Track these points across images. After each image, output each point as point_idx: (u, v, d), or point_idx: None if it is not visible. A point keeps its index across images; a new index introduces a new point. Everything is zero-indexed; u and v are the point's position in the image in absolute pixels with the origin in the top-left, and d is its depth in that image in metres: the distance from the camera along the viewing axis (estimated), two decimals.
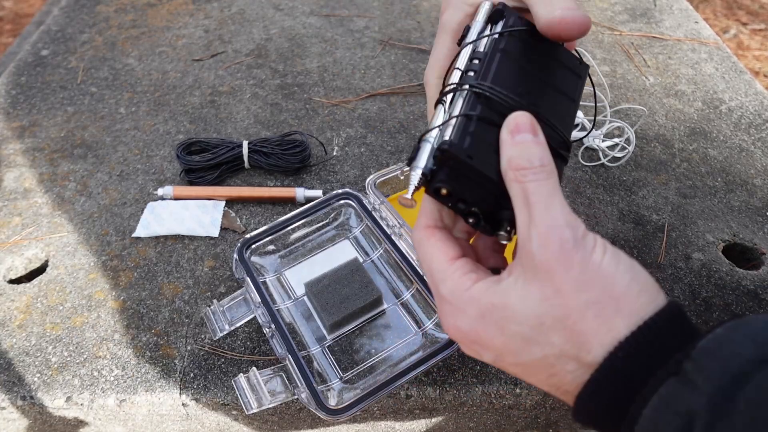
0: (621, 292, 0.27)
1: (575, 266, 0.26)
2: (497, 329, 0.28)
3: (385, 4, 1.03)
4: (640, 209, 0.67)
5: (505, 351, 0.29)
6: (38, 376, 0.51)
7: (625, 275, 0.27)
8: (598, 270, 0.27)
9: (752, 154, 0.75)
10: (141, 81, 0.85)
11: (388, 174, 0.62)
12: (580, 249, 0.27)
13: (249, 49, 0.92)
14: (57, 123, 0.78)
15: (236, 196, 0.66)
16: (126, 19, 0.99)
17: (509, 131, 0.30)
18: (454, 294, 0.30)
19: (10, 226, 0.64)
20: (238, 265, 0.54)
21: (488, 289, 0.29)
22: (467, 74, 0.33)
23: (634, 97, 0.83)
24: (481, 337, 0.29)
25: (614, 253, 0.28)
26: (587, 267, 0.27)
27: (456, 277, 0.30)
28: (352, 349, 0.52)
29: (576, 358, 0.27)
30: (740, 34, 2.03)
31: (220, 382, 0.51)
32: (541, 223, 0.27)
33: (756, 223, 0.65)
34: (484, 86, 0.32)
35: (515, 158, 0.29)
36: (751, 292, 0.58)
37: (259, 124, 0.78)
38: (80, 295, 0.58)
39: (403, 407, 0.51)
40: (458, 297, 0.30)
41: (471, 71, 0.33)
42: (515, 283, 0.28)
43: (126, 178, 0.70)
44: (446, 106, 0.33)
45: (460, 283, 0.30)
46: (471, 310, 0.29)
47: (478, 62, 0.33)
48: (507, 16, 0.35)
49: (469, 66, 0.33)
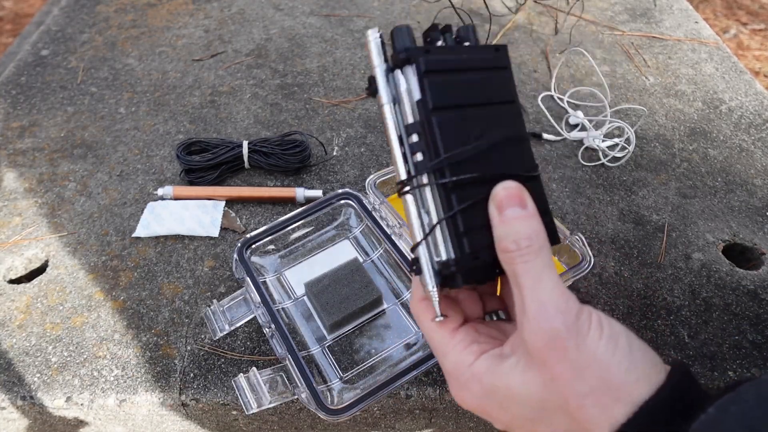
0: (619, 380, 0.26)
1: (568, 355, 0.26)
2: (501, 408, 0.29)
3: (385, 4, 1.03)
4: (640, 209, 0.67)
5: (514, 425, 0.29)
6: (38, 376, 0.51)
7: (623, 361, 0.26)
8: (594, 357, 0.26)
9: (752, 154, 0.75)
10: (141, 81, 0.85)
11: (388, 174, 0.62)
12: (572, 336, 0.26)
13: (249, 49, 0.92)
14: (57, 123, 0.78)
15: (236, 196, 0.66)
16: (126, 19, 0.99)
17: (496, 207, 0.29)
18: (457, 370, 0.30)
19: (10, 226, 0.64)
20: (238, 265, 0.54)
21: (489, 369, 0.29)
22: (416, 158, 0.30)
23: (634, 97, 0.83)
24: (488, 412, 0.30)
25: (611, 335, 0.27)
26: (581, 354, 0.26)
27: (458, 352, 0.30)
28: (352, 349, 0.52)
29: None
30: (740, 34, 2.03)
31: (220, 382, 0.51)
32: (530, 310, 0.27)
33: (756, 223, 0.65)
34: (445, 174, 0.30)
35: (503, 240, 0.29)
36: (751, 292, 0.58)
37: (259, 124, 0.78)
38: (80, 295, 0.58)
39: (403, 407, 0.51)
40: (461, 373, 0.30)
41: (418, 153, 0.30)
42: (516, 365, 0.28)
43: (126, 178, 0.70)
44: (415, 200, 0.31)
45: (462, 358, 0.30)
46: (474, 388, 0.29)
47: (419, 138, 0.30)
48: (415, 60, 0.31)
49: (413, 146, 0.30)
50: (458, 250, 0.30)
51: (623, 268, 0.60)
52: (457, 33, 0.34)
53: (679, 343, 0.54)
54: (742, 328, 0.55)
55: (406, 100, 0.31)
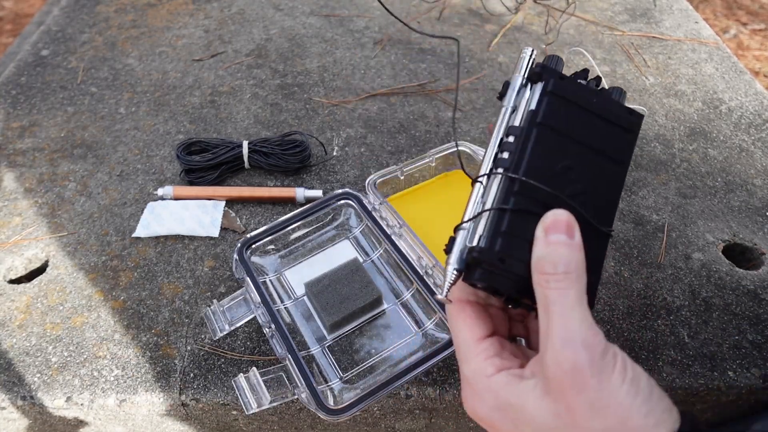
0: (638, 424, 0.26)
1: (589, 390, 0.26)
2: (512, 426, 0.29)
3: (385, 4, 1.03)
4: (640, 209, 0.67)
5: None
6: (38, 376, 0.51)
7: (642, 407, 0.26)
8: (615, 398, 0.26)
9: (752, 154, 0.75)
10: (141, 81, 0.85)
11: (388, 174, 0.62)
12: (596, 372, 0.26)
13: (249, 49, 0.92)
14: (57, 123, 0.78)
15: (236, 196, 0.66)
16: (126, 19, 0.99)
17: (544, 229, 0.30)
18: (475, 378, 0.30)
19: (11, 226, 0.65)
20: (238, 265, 0.54)
21: (508, 384, 0.29)
22: (501, 155, 0.32)
23: (634, 97, 0.83)
24: (497, 427, 0.30)
25: (634, 379, 0.27)
26: (603, 392, 0.26)
27: (479, 360, 0.31)
28: (352, 349, 0.52)
29: None
30: (740, 34, 2.03)
31: (220, 382, 0.51)
32: (556, 338, 0.27)
33: (756, 223, 0.65)
34: (517, 174, 0.31)
35: (542, 260, 0.29)
36: (751, 292, 0.58)
37: (259, 124, 0.78)
38: (80, 295, 0.58)
39: (403, 407, 0.51)
40: (478, 382, 0.30)
41: (505, 152, 0.32)
42: (534, 389, 0.28)
43: (126, 178, 0.70)
44: (482, 188, 0.32)
45: (482, 367, 0.30)
46: (488, 400, 0.30)
47: (514, 140, 0.32)
48: (546, 79, 0.33)
49: (504, 144, 0.32)
50: (488, 243, 0.30)
51: (623, 268, 0.60)
52: (600, 84, 0.35)
53: (679, 343, 0.54)
54: (742, 328, 0.55)
55: (521, 107, 0.33)
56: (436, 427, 0.54)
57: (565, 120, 0.33)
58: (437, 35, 0.28)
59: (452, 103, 0.81)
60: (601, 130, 0.34)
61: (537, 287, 0.29)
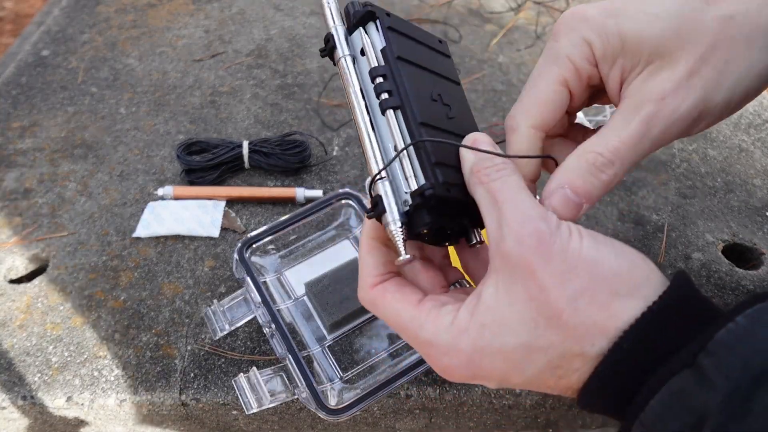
0: (611, 272, 0.25)
1: (555, 257, 0.25)
2: (497, 351, 0.26)
3: (386, 5, 1.03)
4: (640, 209, 0.67)
5: (510, 371, 0.27)
6: (39, 376, 0.51)
7: (610, 255, 0.26)
8: (579, 256, 0.25)
9: (752, 155, 0.75)
10: (141, 81, 0.85)
11: None
12: (557, 239, 0.25)
13: (249, 49, 0.92)
14: (57, 123, 0.78)
15: (236, 196, 0.67)
16: (126, 19, 0.99)
17: (470, 142, 0.30)
18: (439, 335, 0.28)
19: (11, 226, 0.65)
20: (238, 265, 0.54)
21: (472, 313, 0.27)
22: (384, 96, 0.30)
23: None
24: (482, 367, 0.27)
25: (592, 236, 0.26)
26: (567, 255, 0.25)
27: (433, 318, 0.28)
28: (352, 349, 0.52)
29: (581, 355, 0.25)
30: None
31: (220, 382, 0.51)
32: (513, 220, 0.26)
33: (755, 223, 0.65)
34: (410, 108, 0.30)
35: (477, 163, 0.29)
36: (751, 292, 0.58)
37: (260, 125, 0.78)
38: (80, 295, 0.58)
39: (403, 407, 0.51)
40: (444, 336, 0.27)
41: (383, 93, 0.30)
42: (497, 291, 0.26)
43: (126, 178, 0.70)
44: (372, 134, 0.31)
45: (441, 321, 0.28)
46: (463, 343, 0.27)
47: (384, 80, 0.31)
48: (380, 17, 0.32)
49: (379, 86, 0.31)
50: (432, 177, 0.28)
51: None
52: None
53: None
54: None
55: (369, 50, 0.31)
56: (436, 427, 0.54)
57: (411, 52, 0.32)
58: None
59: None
60: (434, 57, 0.35)
61: (478, 188, 0.28)
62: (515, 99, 0.82)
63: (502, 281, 0.26)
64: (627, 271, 0.25)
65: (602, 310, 0.25)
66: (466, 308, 0.28)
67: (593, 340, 0.25)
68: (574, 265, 0.25)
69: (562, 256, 0.25)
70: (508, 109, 0.81)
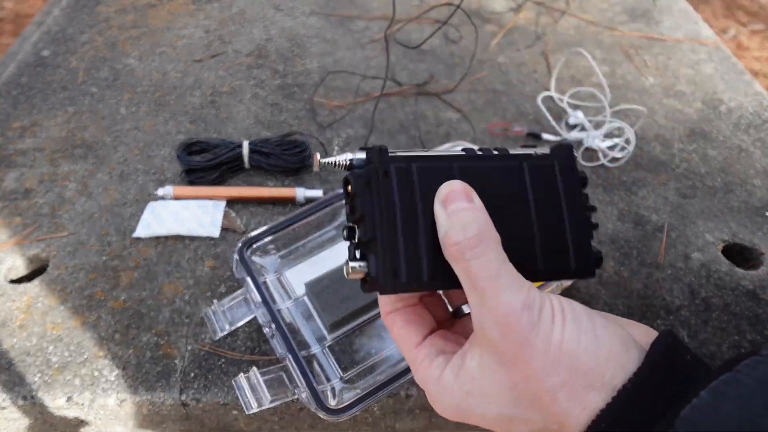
0: (588, 367, 0.26)
1: (538, 352, 0.26)
2: (479, 414, 0.28)
3: (385, 4, 1.03)
4: (640, 209, 0.67)
5: (495, 426, 0.29)
6: (39, 376, 0.51)
7: (588, 347, 0.26)
8: (560, 349, 0.26)
9: (752, 155, 0.75)
10: (141, 81, 0.85)
11: None
12: (540, 332, 0.26)
13: (249, 49, 0.92)
14: (57, 123, 0.78)
15: (236, 196, 0.67)
16: (126, 19, 0.99)
17: (440, 202, 0.29)
18: (428, 384, 0.30)
19: (11, 226, 0.65)
20: (238, 265, 0.54)
21: (457, 375, 0.29)
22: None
23: (633, 97, 0.83)
24: (468, 419, 0.29)
25: (575, 322, 0.26)
26: (549, 349, 0.26)
27: (424, 367, 0.30)
28: (352, 349, 0.52)
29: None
30: (739, 34, 2.03)
31: (220, 382, 0.51)
32: (496, 309, 0.26)
33: (755, 223, 0.66)
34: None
35: (450, 231, 0.28)
36: (750, 292, 0.58)
37: (260, 125, 0.78)
38: (81, 295, 0.58)
39: (403, 407, 0.51)
40: (432, 387, 0.30)
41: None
42: (480, 366, 0.28)
43: (126, 178, 0.70)
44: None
45: (429, 373, 0.30)
46: (447, 400, 0.29)
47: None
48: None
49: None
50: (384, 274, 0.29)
51: (623, 268, 0.60)
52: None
53: None
54: (742, 328, 0.55)
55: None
56: (436, 427, 0.54)
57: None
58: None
59: (452, 103, 0.81)
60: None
61: (455, 264, 0.28)
62: (515, 99, 0.83)
63: (486, 360, 0.27)
64: (604, 362, 0.26)
65: (578, 403, 0.26)
66: (451, 369, 0.29)
67: (570, 427, 0.26)
68: (556, 358, 0.26)
69: (545, 348, 0.26)
70: (508, 109, 0.81)
